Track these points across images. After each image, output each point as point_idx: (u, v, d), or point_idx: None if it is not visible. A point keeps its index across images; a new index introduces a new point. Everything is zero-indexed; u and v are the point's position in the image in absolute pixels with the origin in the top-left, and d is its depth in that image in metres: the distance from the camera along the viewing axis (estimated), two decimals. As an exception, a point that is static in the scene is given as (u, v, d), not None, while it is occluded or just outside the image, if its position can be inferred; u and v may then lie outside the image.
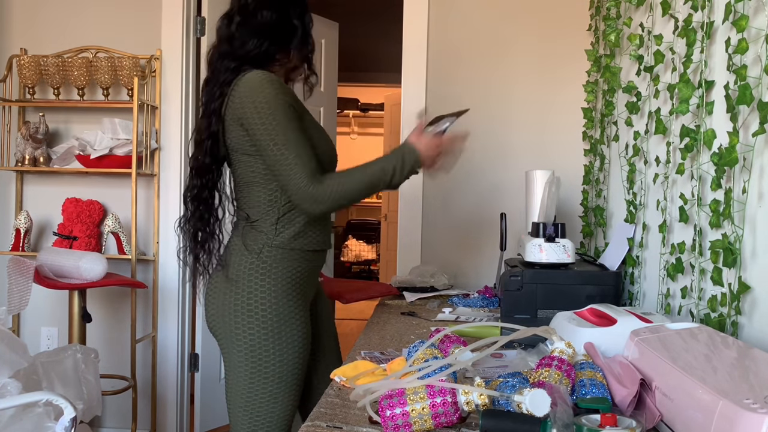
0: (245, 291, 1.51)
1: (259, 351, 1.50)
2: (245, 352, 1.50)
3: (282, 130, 1.44)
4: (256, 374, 1.50)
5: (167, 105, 2.93)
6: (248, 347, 1.50)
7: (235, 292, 1.52)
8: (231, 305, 1.52)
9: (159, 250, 2.94)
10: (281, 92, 1.47)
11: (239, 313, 1.51)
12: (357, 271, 7.53)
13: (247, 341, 1.50)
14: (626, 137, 1.91)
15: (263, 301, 1.50)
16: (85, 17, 2.98)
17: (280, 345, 1.50)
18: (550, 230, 1.72)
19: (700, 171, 1.32)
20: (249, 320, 1.50)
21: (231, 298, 1.52)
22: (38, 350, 2.82)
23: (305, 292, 1.60)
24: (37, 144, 2.85)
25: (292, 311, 1.53)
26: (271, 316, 1.50)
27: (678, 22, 1.47)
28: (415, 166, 1.53)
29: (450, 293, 2.26)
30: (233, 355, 1.52)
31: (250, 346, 1.50)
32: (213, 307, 1.57)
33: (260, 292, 1.51)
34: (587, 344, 1.16)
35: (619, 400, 0.96)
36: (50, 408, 1.66)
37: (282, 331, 1.51)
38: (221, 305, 1.54)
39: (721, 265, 1.19)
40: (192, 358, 3.07)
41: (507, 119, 2.68)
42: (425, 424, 0.91)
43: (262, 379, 1.50)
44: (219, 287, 1.55)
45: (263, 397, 1.51)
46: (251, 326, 1.50)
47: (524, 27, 2.67)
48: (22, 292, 2.28)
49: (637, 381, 0.96)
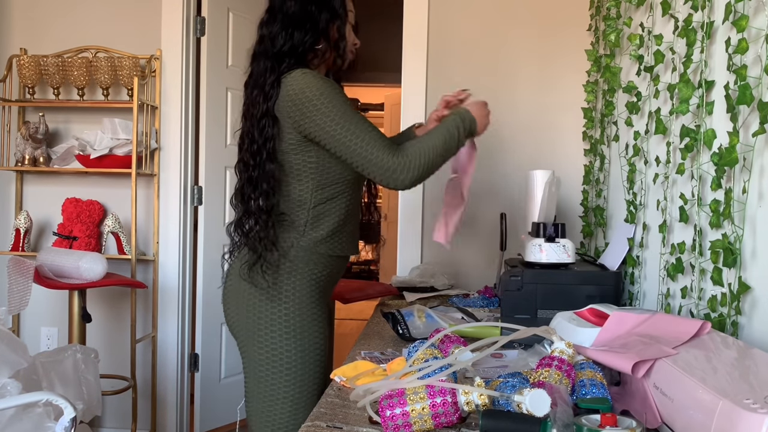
0: (269, 291, 1.48)
1: (279, 353, 1.47)
2: (266, 354, 1.47)
3: (346, 115, 1.41)
4: (276, 377, 1.47)
5: (167, 105, 2.93)
6: (269, 349, 1.47)
7: (259, 292, 1.48)
8: (255, 305, 1.49)
9: (159, 250, 2.94)
10: (327, 82, 1.44)
11: (262, 313, 1.48)
12: (357, 271, 7.52)
13: (268, 342, 1.47)
14: (626, 137, 1.91)
15: (287, 304, 1.48)
16: (85, 17, 2.98)
17: (302, 347, 1.48)
18: (550, 230, 1.72)
19: (700, 171, 1.32)
20: (271, 321, 1.47)
21: (255, 297, 1.49)
22: (38, 350, 2.82)
23: (326, 295, 1.58)
24: (37, 144, 2.85)
25: (314, 314, 1.51)
26: (294, 318, 1.48)
27: (678, 22, 1.47)
28: (473, 126, 1.54)
29: (450, 293, 2.26)
30: (254, 356, 1.49)
31: (271, 348, 1.47)
32: (234, 307, 1.54)
33: (284, 293, 1.48)
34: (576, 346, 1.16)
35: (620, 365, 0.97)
36: (50, 408, 1.66)
37: (304, 334, 1.48)
38: (243, 305, 1.51)
39: (721, 265, 1.19)
40: (192, 358, 3.07)
41: (507, 119, 2.68)
42: (425, 424, 0.91)
43: (283, 382, 1.47)
44: (240, 287, 1.51)
45: (284, 401, 1.47)
46: (272, 327, 1.47)
47: (524, 27, 2.67)
48: (22, 292, 2.28)
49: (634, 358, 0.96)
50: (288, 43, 1.48)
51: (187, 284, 3.03)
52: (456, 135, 1.50)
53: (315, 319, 1.50)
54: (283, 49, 1.48)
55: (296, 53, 1.48)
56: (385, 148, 1.41)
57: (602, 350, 1.07)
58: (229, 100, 3.10)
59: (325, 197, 1.50)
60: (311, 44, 1.51)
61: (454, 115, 1.54)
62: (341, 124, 1.40)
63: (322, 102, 1.40)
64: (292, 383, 1.47)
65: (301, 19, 1.49)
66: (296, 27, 1.49)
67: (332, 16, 1.53)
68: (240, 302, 1.51)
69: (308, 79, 1.42)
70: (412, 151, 1.43)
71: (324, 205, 1.50)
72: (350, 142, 1.40)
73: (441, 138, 1.47)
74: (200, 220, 3.06)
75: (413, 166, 1.42)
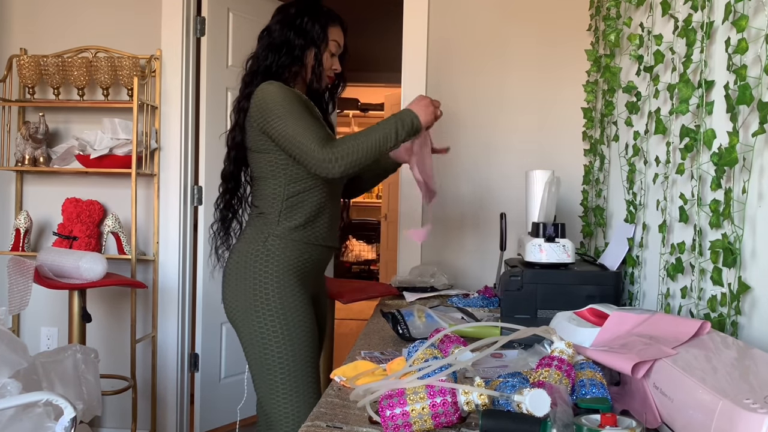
0: (251, 276, 1.66)
1: (267, 333, 1.63)
2: (257, 335, 1.64)
3: (292, 113, 1.60)
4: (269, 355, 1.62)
5: (167, 105, 2.93)
6: (259, 330, 1.64)
7: (243, 278, 1.67)
8: (241, 291, 1.66)
9: (159, 250, 2.94)
10: (292, 94, 1.65)
11: (248, 297, 1.65)
12: (357, 271, 7.52)
13: (257, 324, 1.64)
14: (626, 137, 1.91)
15: (266, 287, 1.65)
16: (85, 17, 2.98)
17: (288, 328, 1.63)
18: (550, 230, 1.72)
19: (700, 171, 1.32)
20: (256, 304, 1.64)
21: (241, 284, 1.67)
22: (38, 350, 2.82)
23: (307, 284, 1.73)
24: (37, 144, 2.85)
25: (296, 299, 1.67)
26: (275, 302, 1.64)
27: (678, 22, 1.47)
28: (415, 122, 1.63)
29: (450, 293, 2.26)
30: (248, 339, 1.66)
31: (260, 329, 1.64)
32: (228, 296, 1.70)
33: (264, 277, 1.65)
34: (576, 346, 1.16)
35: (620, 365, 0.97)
36: (50, 408, 1.66)
37: (288, 317, 1.64)
38: (233, 292, 1.68)
39: (721, 265, 1.19)
40: (192, 358, 3.06)
41: (507, 119, 2.68)
42: (425, 424, 0.91)
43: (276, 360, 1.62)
44: (231, 275, 1.70)
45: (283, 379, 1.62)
46: (258, 311, 1.64)
47: (524, 27, 2.67)
48: (22, 292, 2.28)
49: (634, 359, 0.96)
50: (263, 63, 1.72)
51: (187, 284, 3.03)
52: (392, 134, 1.61)
53: (298, 305, 1.66)
54: (260, 68, 1.72)
55: (270, 72, 1.71)
56: (318, 141, 1.57)
57: (602, 350, 1.07)
58: (229, 100, 3.10)
59: (297, 190, 1.69)
60: (285, 67, 1.72)
61: (393, 115, 1.65)
62: (287, 121, 1.60)
63: (277, 104, 1.61)
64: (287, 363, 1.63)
65: (280, 43, 1.72)
66: (274, 50, 1.72)
67: (308, 43, 1.73)
68: (230, 290, 1.70)
69: (271, 88, 1.64)
70: (342, 146, 1.58)
71: (296, 197, 1.69)
72: (290, 136, 1.59)
73: (374, 136, 1.59)
74: (200, 220, 3.06)
75: (341, 160, 1.57)
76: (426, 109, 1.65)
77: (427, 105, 1.66)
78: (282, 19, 1.74)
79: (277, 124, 1.60)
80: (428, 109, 1.66)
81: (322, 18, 1.75)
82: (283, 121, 1.59)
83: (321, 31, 1.74)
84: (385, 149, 1.61)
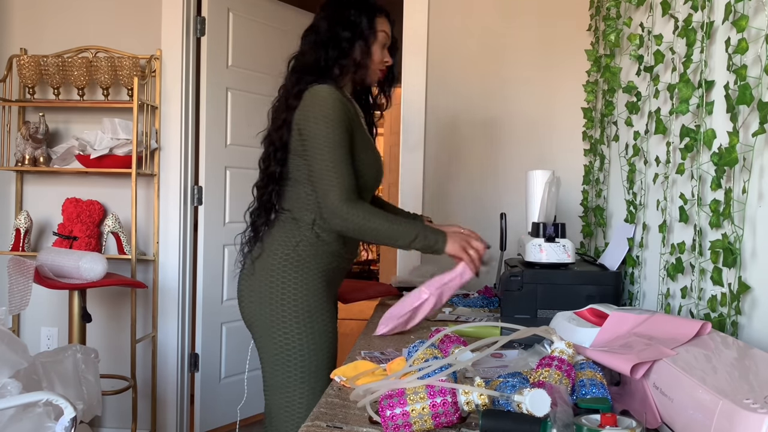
0: (279, 280, 1.60)
1: (292, 340, 1.57)
2: (280, 343, 1.58)
3: (331, 145, 1.54)
4: (291, 365, 1.57)
5: (167, 105, 2.93)
6: (283, 338, 1.58)
7: (269, 280, 1.60)
8: (266, 293, 1.60)
9: (159, 250, 2.94)
10: (340, 109, 1.57)
11: (274, 300, 1.59)
12: (357, 271, 7.52)
13: (280, 333, 1.58)
14: (626, 137, 1.91)
15: (295, 293, 1.59)
16: (85, 17, 2.98)
17: (313, 334, 1.59)
18: (550, 230, 1.72)
19: (700, 171, 1.32)
20: (282, 311, 1.58)
21: (266, 286, 1.61)
22: (38, 350, 2.82)
23: (333, 289, 1.70)
24: (37, 144, 2.85)
25: (322, 305, 1.62)
26: (302, 308, 1.59)
27: (678, 22, 1.47)
28: (436, 246, 1.61)
29: (450, 293, 2.26)
30: (269, 347, 1.59)
31: (284, 337, 1.58)
32: (248, 300, 1.64)
33: (293, 284, 1.60)
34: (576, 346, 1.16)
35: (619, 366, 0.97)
36: (50, 408, 1.66)
37: (314, 324, 1.60)
38: (257, 294, 1.62)
39: (721, 265, 1.19)
40: (192, 358, 3.07)
41: (507, 119, 2.68)
42: (425, 424, 0.91)
43: (298, 370, 1.57)
44: (255, 277, 1.63)
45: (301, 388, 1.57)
46: (284, 318, 1.58)
47: (524, 27, 2.67)
48: (22, 292, 2.28)
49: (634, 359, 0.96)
50: (313, 58, 1.64)
51: (187, 284, 3.03)
52: (409, 238, 1.58)
53: (323, 311, 1.62)
54: (308, 64, 1.64)
55: (319, 68, 1.63)
56: (343, 192, 1.54)
57: (602, 351, 1.07)
58: (229, 100, 3.10)
59: None
60: (334, 61, 1.64)
61: (425, 224, 1.65)
62: (321, 150, 1.54)
63: (321, 123, 1.54)
64: (307, 370, 1.57)
65: (328, 38, 1.65)
66: (322, 45, 1.64)
67: (356, 36, 1.65)
68: (253, 296, 1.63)
69: (323, 96, 1.56)
70: (359, 213, 1.55)
71: None
72: (320, 169, 1.55)
73: (392, 228, 1.58)
74: (200, 220, 3.06)
75: (349, 223, 1.55)
76: (459, 242, 1.61)
77: (463, 239, 1.62)
78: (327, 15, 1.68)
79: (314, 145, 1.55)
80: (460, 243, 1.61)
81: (369, 9, 1.68)
82: (321, 147, 1.54)
83: (368, 23, 1.67)
84: (394, 245, 1.60)
